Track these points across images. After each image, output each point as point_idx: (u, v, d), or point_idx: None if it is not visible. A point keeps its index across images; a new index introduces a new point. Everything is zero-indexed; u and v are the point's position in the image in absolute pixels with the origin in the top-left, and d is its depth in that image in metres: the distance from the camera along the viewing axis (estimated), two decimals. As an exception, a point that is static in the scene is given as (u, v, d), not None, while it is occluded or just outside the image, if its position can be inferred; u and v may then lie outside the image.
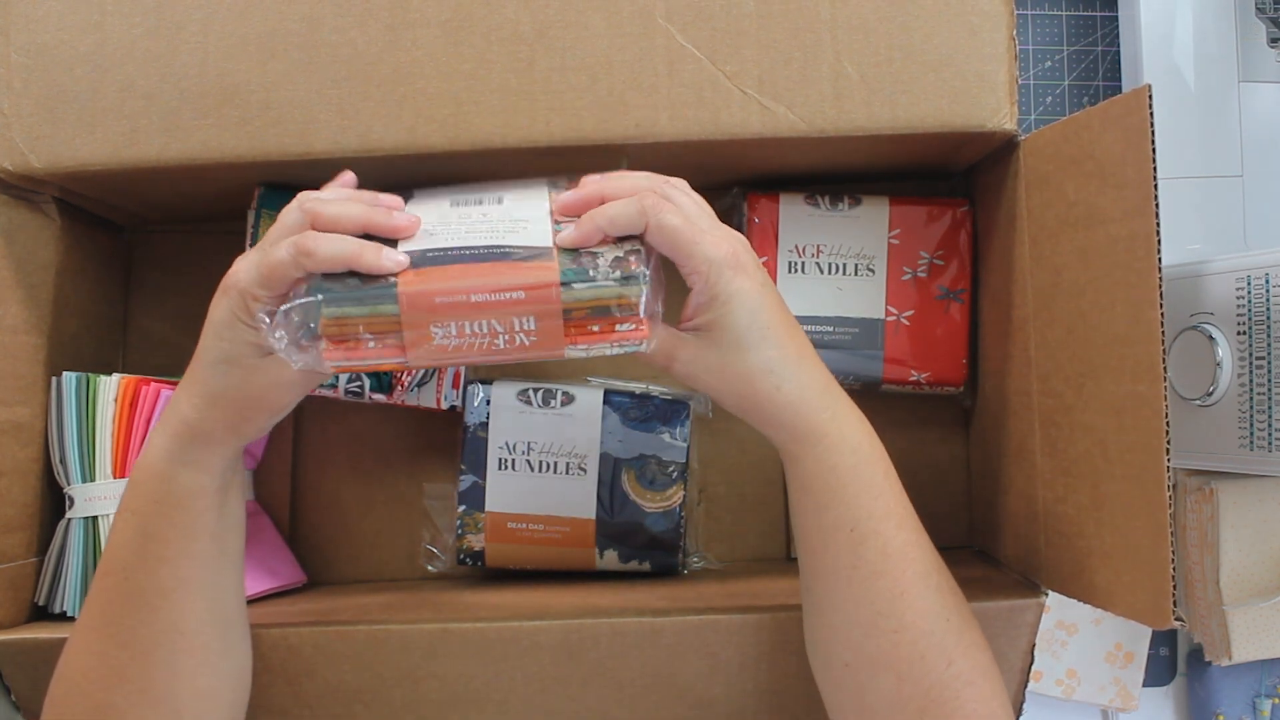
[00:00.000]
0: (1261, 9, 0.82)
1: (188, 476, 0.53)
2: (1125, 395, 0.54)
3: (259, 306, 0.49)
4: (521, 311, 0.49)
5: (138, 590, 0.53)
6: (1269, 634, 0.78)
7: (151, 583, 0.53)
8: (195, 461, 0.53)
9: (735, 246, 0.52)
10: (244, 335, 0.50)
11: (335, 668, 0.61)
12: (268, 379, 0.51)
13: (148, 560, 0.53)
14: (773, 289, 0.53)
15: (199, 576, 0.54)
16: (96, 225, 0.74)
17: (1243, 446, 0.68)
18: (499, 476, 0.71)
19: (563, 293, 0.49)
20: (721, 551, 0.78)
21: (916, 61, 0.61)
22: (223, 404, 0.52)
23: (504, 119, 0.61)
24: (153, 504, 0.53)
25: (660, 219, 0.51)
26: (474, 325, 0.49)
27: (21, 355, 0.65)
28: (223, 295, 0.51)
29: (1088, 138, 0.56)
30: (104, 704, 0.53)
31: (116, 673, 0.53)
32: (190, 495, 0.53)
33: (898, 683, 0.52)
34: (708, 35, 0.61)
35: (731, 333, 0.51)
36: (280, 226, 0.52)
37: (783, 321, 0.53)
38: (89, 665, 0.54)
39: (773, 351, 0.52)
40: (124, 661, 0.53)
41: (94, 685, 0.53)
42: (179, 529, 0.53)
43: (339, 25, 0.61)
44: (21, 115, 0.62)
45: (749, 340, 0.51)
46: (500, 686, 0.61)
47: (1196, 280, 0.71)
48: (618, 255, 0.51)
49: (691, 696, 0.62)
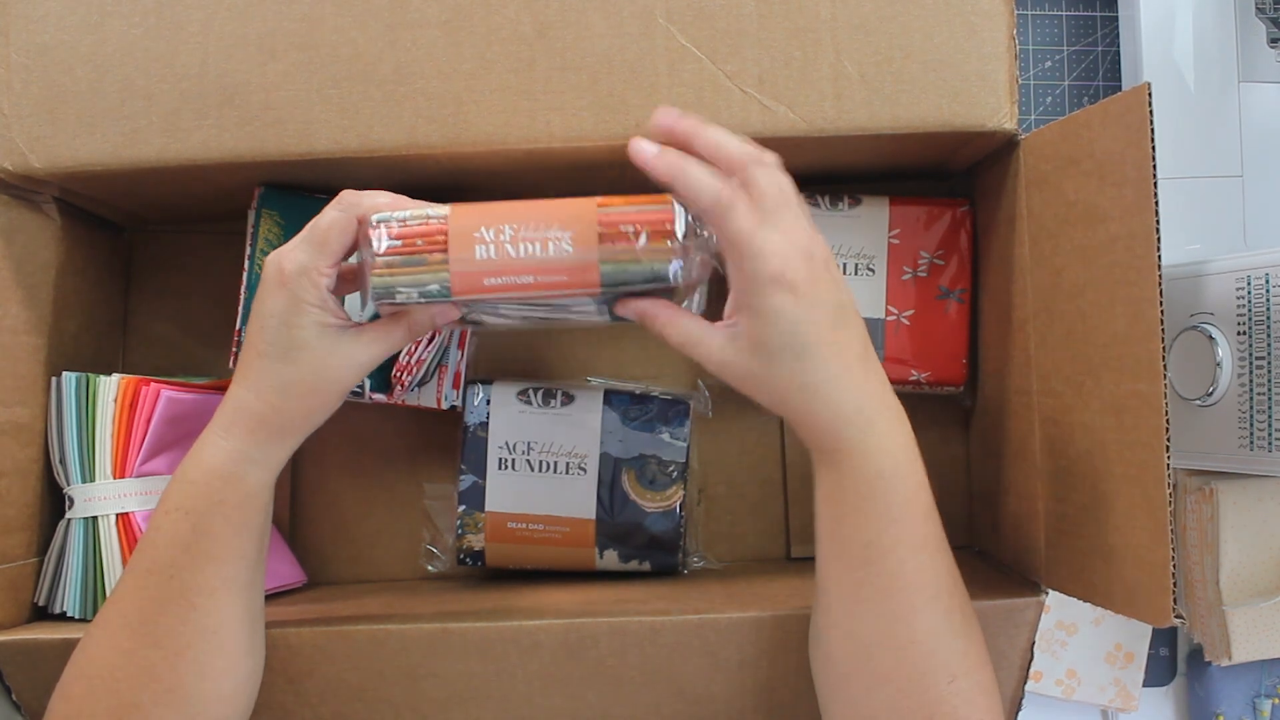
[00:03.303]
0: (1261, 9, 0.82)
1: (254, 476, 0.54)
2: (1125, 393, 0.54)
3: (324, 281, 0.52)
4: (561, 224, 0.51)
5: (180, 589, 0.53)
6: (1269, 634, 0.78)
7: (196, 581, 0.53)
8: (263, 460, 0.54)
9: (789, 261, 0.49)
10: (311, 318, 0.52)
11: (335, 667, 0.61)
12: (337, 358, 0.53)
13: (197, 559, 0.53)
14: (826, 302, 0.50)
15: (242, 576, 0.55)
16: (96, 225, 0.74)
17: (1243, 446, 0.68)
18: (499, 476, 0.71)
19: (599, 211, 0.51)
20: (721, 551, 0.78)
21: (916, 61, 0.61)
22: (297, 392, 0.53)
23: (504, 119, 0.61)
24: (212, 504, 0.53)
25: (727, 219, 0.50)
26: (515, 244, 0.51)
27: (21, 355, 0.65)
28: (278, 288, 0.52)
29: (1087, 136, 0.56)
30: (129, 703, 0.52)
31: (146, 671, 0.53)
32: (252, 494, 0.54)
33: (897, 695, 0.51)
34: (708, 35, 0.61)
35: (765, 347, 0.50)
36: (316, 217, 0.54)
37: (828, 339, 0.50)
38: (116, 664, 0.53)
39: (809, 368, 0.50)
40: (154, 661, 0.53)
41: (121, 684, 0.53)
42: (234, 528, 0.54)
43: (339, 25, 0.61)
44: (21, 115, 0.62)
45: (783, 357, 0.50)
46: (501, 685, 0.61)
47: (1196, 280, 0.71)
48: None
49: (691, 695, 0.62)
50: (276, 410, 0.53)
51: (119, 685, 0.53)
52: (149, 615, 0.53)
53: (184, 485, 0.54)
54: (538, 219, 0.51)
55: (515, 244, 0.51)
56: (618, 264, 0.51)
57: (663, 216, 0.51)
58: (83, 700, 0.53)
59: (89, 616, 0.65)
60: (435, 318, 0.56)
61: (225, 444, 0.54)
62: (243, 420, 0.53)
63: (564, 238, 0.51)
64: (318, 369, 0.53)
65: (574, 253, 0.51)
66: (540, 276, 0.51)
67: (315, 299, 0.52)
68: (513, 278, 0.51)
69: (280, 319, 0.52)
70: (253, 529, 0.55)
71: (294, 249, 0.52)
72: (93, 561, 0.65)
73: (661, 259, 0.51)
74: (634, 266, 0.51)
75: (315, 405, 0.54)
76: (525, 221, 0.51)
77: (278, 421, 0.54)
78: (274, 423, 0.53)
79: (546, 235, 0.51)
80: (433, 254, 0.51)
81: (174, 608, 0.53)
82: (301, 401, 0.54)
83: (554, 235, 0.51)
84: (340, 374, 0.54)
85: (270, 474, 0.55)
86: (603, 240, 0.51)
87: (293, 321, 0.52)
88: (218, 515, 0.53)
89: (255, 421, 0.53)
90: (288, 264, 0.52)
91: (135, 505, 0.65)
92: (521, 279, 0.51)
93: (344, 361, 0.53)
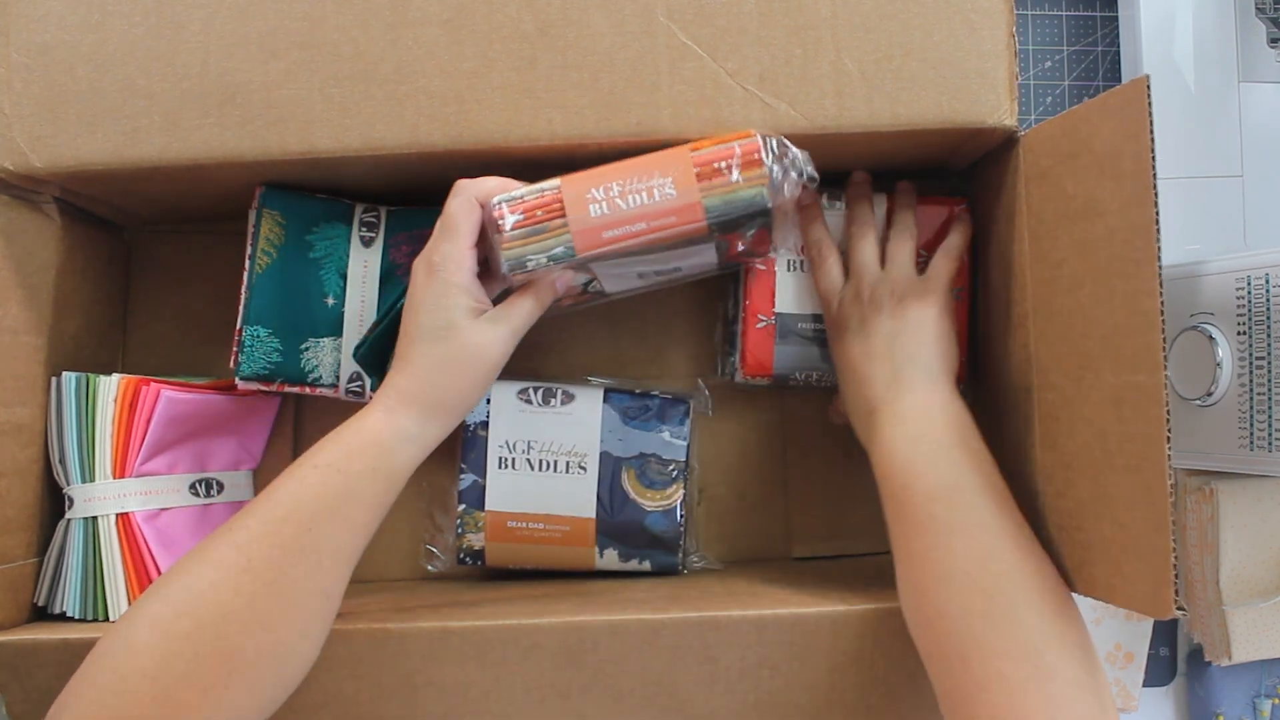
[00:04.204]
0: (1261, 9, 0.82)
1: (406, 453, 0.58)
2: (1125, 385, 0.54)
3: (467, 264, 0.58)
4: (662, 172, 0.58)
5: (315, 545, 0.54)
6: (1269, 634, 0.78)
7: (332, 543, 0.55)
8: (419, 437, 0.58)
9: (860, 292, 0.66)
10: (459, 300, 0.57)
11: (333, 674, 0.60)
12: (484, 335, 0.58)
13: (338, 520, 0.55)
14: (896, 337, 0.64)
15: (361, 547, 0.57)
16: (97, 225, 0.74)
17: (1243, 446, 0.68)
18: (499, 475, 0.71)
19: (693, 155, 0.58)
20: (721, 551, 0.78)
21: (916, 58, 0.61)
22: (450, 370, 0.58)
23: (506, 117, 0.61)
24: (365, 469, 0.56)
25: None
26: (624, 198, 0.58)
27: (21, 356, 0.65)
28: (428, 279, 0.58)
29: (1086, 130, 0.56)
30: (236, 648, 0.51)
31: (261, 621, 0.52)
32: (400, 470, 0.58)
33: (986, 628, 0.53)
34: (709, 33, 0.61)
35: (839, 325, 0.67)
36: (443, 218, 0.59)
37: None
38: (235, 606, 0.52)
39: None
40: (272, 611, 0.53)
41: (232, 627, 0.51)
42: (378, 497, 0.57)
43: (340, 24, 0.61)
44: (22, 115, 0.62)
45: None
46: (499, 696, 0.61)
47: (1196, 280, 0.71)
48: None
49: (691, 712, 0.61)
50: (433, 386, 0.58)
51: (229, 628, 0.51)
52: (280, 564, 0.53)
53: (339, 446, 0.56)
54: (640, 172, 0.58)
55: (624, 197, 0.58)
56: (719, 196, 0.58)
57: (750, 147, 0.58)
58: (185, 640, 0.51)
59: (89, 617, 0.65)
60: (556, 283, 0.61)
61: (386, 418, 0.57)
62: (401, 399, 0.58)
63: (666, 183, 0.58)
64: (468, 346, 0.58)
65: (678, 195, 0.58)
66: (652, 222, 0.58)
67: (461, 281, 0.57)
68: (628, 227, 0.58)
69: (433, 304, 0.57)
70: (386, 505, 0.58)
71: (433, 244, 0.58)
72: (92, 562, 0.65)
73: (757, 184, 0.58)
74: (733, 195, 0.58)
75: (467, 384, 0.59)
76: (629, 176, 0.58)
77: (433, 397, 0.58)
78: (429, 398, 0.58)
79: (650, 184, 0.58)
80: (553, 221, 0.58)
81: (305, 562, 0.54)
82: (455, 379, 0.58)
83: (657, 183, 0.58)
84: (489, 350, 0.58)
85: (421, 453, 0.59)
86: (700, 178, 0.58)
87: (444, 304, 0.57)
88: (367, 481, 0.56)
89: (411, 399, 0.58)
90: (434, 256, 0.58)
91: (135, 505, 0.65)
92: (635, 227, 0.58)
93: (490, 339, 0.58)
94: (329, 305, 0.69)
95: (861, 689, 0.61)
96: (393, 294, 0.69)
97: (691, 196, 0.58)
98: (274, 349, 0.68)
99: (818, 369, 0.71)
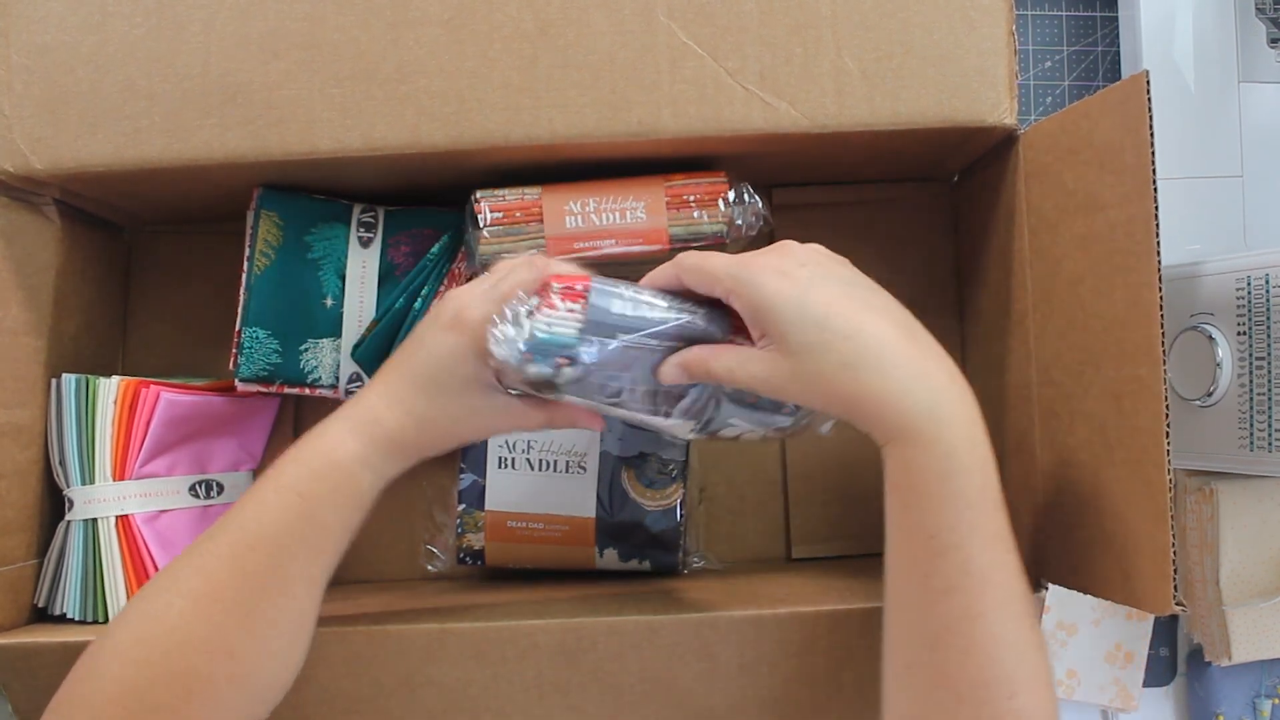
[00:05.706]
0: (1261, 9, 0.82)
1: (369, 480, 0.55)
2: (1125, 380, 0.54)
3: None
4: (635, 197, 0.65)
5: (284, 575, 0.53)
6: (1269, 634, 0.78)
7: (301, 570, 0.53)
8: (381, 469, 0.55)
9: (771, 258, 0.52)
10: (471, 370, 0.54)
11: (331, 673, 0.60)
12: (479, 415, 0.56)
13: (307, 547, 0.54)
14: (828, 276, 0.51)
15: (331, 571, 0.55)
16: (96, 226, 0.74)
17: (1243, 446, 0.68)
18: (499, 475, 0.71)
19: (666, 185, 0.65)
20: (721, 551, 0.77)
21: (916, 57, 0.61)
22: (433, 428, 0.55)
23: (507, 117, 0.61)
24: (327, 493, 0.54)
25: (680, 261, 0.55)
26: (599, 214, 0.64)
27: (21, 357, 0.65)
28: (449, 331, 0.54)
29: (1086, 126, 0.57)
30: (203, 676, 0.51)
31: (227, 649, 0.51)
32: (364, 495, 0.55)
33: (956, 703, 0.49)
34: (709, 32, 0.61)
35: (787, 339, 0.49)
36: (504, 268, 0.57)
37: (846, 309, 0.49)
38: (202, 635, 0.51)
39: (840, 343, 0.49)
40: (239, 640, 0.52)
41: (198, 655, 0.51)
42: (343, 522, 0.55)
43: (341, 24, 0.61)
44: (22, 116, 0.62)
45: (806, 338, 0.49)
46: (498, 694, 0.61)
47: (1196, 280, 0.71)
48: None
49: (691, 708, 0.61)
50: (406, 432, 0.55)
51: (195, 657, 0.51)
52: (246, 594, 0.52)
53: (300, 468, 0.54)
54: (616, 193, 0.64)
55: (599, 214, 0.64)
56: (683, 225, 0.65)
57: (717, 188, 0.65)
58: (147, 666, 0.50)
59: (89, 618, 0.65)
60: (577, 420, 0.58)
61: (350, 442, 0.54)
62: (372, 431, 0.54)
63: (638, 207, 0.64)
64: (459, 417, 0.55)
65: (647, 219, 0.64)
66: (621, 240, 0.64)
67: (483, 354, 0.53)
68: (598, 241, 0.64)
69: (449, 359, 0.54)
70: (354, 529, 0.56)
71: (481, 299, 0.54)
72: (92, 563, 0.65)
73: (718, 219, 0.65)
74: (696, 227, 0.65)
75: (440, 444, 0.56)
76: (606, 196, 0.64)
77: (404, 442, 0.55)
78: (400, 442, 0.55)
79: (624, 206, 0.64)
80: (530, 225, 0.64)
81: (273, 592, 0.53)
82: (432, 437, 0.56)
83: (630, 205, 0.64)
84: (475, 427, 0.57)
85: (383, 482, 0.56)
86: (669, 207, 0.65)
87: (454, 369, 0.54)
88: (330, 507, 0.54)
89: (384, 436, 0.55)
90: (475, 312, 0.54)
91: (135, 507, 0.65)
92: (605, 243, 0.64)
93: (483, 421, 0.57)
94: (328, 306, 0.69)
95: (860, 686, 0.61)
96: (391, 294, 0.69)
97: (659, 222, 0.64)
98: (273, 350, 0.68)
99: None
